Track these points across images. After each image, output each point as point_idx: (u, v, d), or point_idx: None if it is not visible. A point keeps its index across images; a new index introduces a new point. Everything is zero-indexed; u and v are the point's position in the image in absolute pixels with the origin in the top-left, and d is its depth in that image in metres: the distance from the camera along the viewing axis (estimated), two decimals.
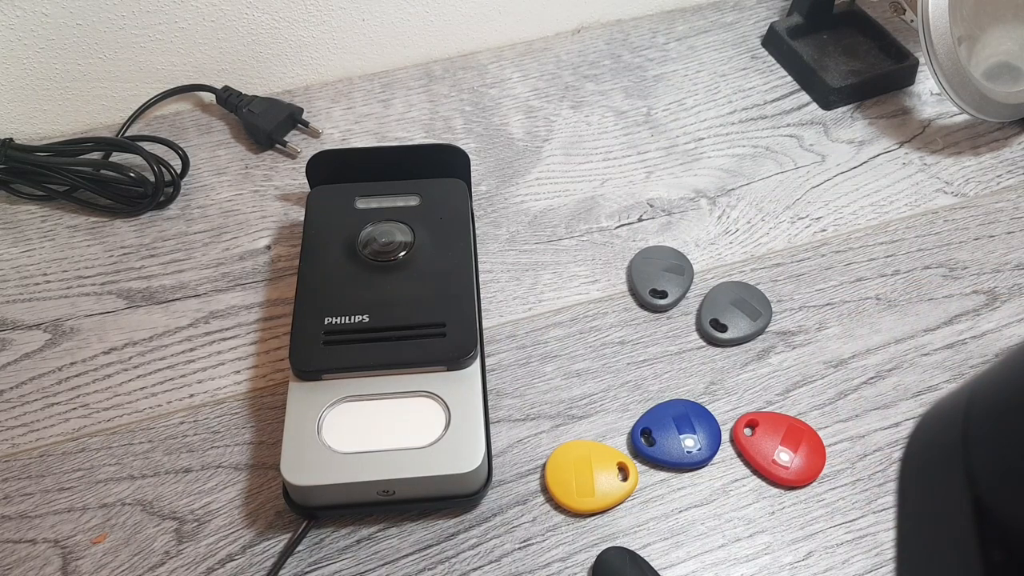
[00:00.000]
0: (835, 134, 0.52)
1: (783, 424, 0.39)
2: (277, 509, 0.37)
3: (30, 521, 0.37)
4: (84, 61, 0.51)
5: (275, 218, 0.48)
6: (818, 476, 0.38)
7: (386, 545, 0.36)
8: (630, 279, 0.45)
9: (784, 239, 0.47)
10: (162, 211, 0.49)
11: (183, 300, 0.45)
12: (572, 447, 0.38)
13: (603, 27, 0.59)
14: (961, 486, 0.17)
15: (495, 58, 0.57)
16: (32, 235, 0.48)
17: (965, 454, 0.17)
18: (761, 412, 0.40)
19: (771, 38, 0.57)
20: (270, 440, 0.39)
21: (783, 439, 0.38)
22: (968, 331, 0.43)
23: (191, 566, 0.36)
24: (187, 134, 0.53)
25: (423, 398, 0.37)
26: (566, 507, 0.37)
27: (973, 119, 0.52)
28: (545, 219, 0.48)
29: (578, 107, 0.54)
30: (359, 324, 0.38)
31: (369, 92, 0.55)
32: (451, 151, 0.45)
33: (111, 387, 0.42)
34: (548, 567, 0.36)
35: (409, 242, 0.41)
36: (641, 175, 0.50)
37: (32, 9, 0.48)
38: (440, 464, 0.35)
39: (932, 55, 0.48)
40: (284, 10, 0.52)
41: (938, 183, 0.50)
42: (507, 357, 0.42)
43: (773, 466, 0.38)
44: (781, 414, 0.40)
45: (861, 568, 0.36)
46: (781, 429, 0.39)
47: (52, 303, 0.45)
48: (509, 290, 0.45)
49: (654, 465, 0.38)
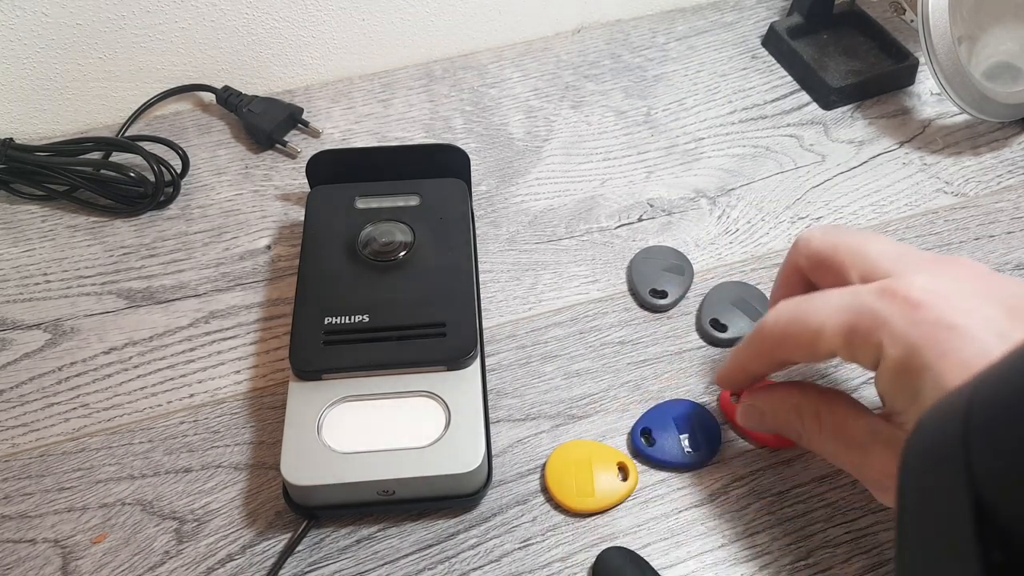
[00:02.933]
0: (835, 134, 0.52)
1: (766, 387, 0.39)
2: (277, 509, 0.37)
3: (30, 521, 0.37)
4: (84, 61, 0.51)
5: (275, 218, 0.48)
6: None
7: (386, 545, 0.36)
8: (630, 279, 0.45)
9: (784, 239, 0.47)
10: (162, 211, 0.49)
11: (183, 300, 0.45)
12: (572, 447, 0.38)
13: (603, 27, 0.59)
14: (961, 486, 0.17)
15: (495, 58, 0.57)
16: (32, 235, 0.48)
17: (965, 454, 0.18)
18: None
19: (771, 38, 0.57)
20: (270, 440, 0.39)
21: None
22: None
23: (191, 566, 0.36)
24: (187, 134, 0.53)
25: (423, 398, 0.37)
26: (566, 507, 0.37)
27: (973, 119, 0.52)
28: (545, 219, 0.48)
29: (578, 107, 0.54)
30: (359, 324, 0.38)
31: (369, 92, 0.55)
32: (451, 151, 0.45)
33: (111, 387, 0.42)
34: (548, 567, 0.36)
35: (409, 242, 0.41)
36: (641, 175, 0.50)
37: (32, 9, 0.48)
38: (440, 464, 0.35)
39: (932, 55, 0.48)
40: (284, 10, 0.52)
41: (938, 183, 0.50)
42: (507, 357, 0.42)
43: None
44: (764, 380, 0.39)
45: (861, 568, 0.36)
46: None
47: (52, 303, 0.45)
48: (509, 290, 0.45)
49: (654, 465, 0.38)
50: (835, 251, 0.32)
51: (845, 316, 0.29)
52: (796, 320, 0.31)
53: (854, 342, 0.29)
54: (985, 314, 0.28)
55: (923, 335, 0.27)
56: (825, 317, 0.30)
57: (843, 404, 0.31)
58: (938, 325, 0.27)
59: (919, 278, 0.28)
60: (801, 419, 0.32)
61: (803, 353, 0.31)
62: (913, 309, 0.28)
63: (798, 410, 0.32)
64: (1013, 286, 0.29)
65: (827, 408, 0.32)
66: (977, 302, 0.28)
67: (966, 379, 0.24)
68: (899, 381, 0.28)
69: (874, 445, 0.30)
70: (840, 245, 0.32)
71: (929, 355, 0.27)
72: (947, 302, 0.28)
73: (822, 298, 0.30)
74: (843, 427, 0.31)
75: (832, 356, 0.30)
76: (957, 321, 0.27)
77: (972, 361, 0.26)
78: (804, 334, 0.30)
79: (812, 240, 0.33)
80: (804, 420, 0.32)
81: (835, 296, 0.30)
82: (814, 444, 0.32)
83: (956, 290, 0.28)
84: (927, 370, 0.27)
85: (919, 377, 0.27)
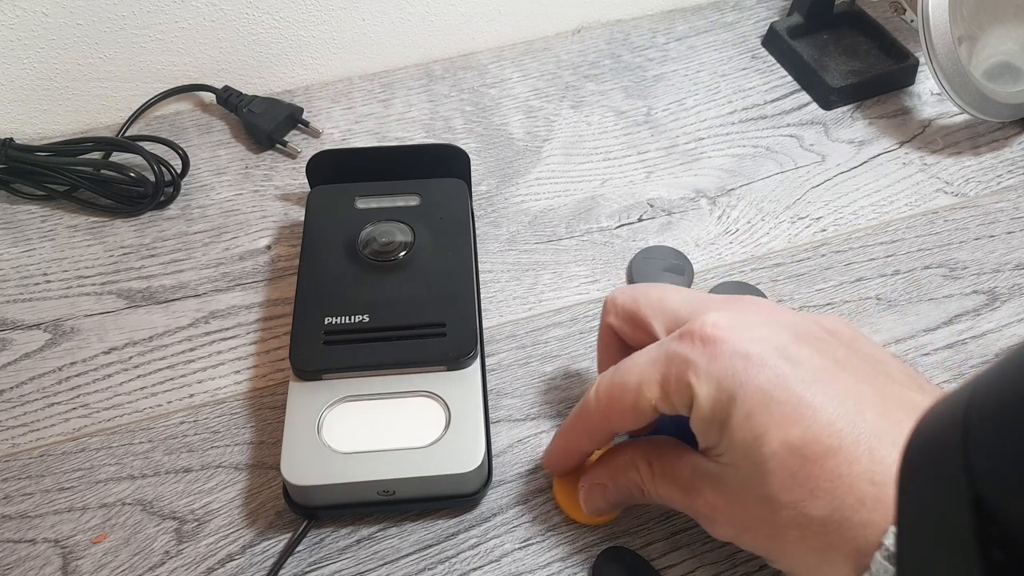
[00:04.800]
0: (835, 134, 0.52)
1: None
2: (277, 509, 0.37)
3: (30, 521, 0.37)
4: (84, 61, 0.51)
5: (275, 218, 0.48)
6: None
7: (386, 545, 0.36)
8: (630, 279, 0.45)
9: (784, 239, 0.47)
10: (162, 211, 0.49)
11: (183, 300, 0.45)
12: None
13: (603, 27, 0.59)
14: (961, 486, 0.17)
15: (495, 58, 0.57)
16: (32, 235, 0.48)
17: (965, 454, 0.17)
18: None
19: (771, 38, 0.57)
20: (270, 440, 0.39)
21: None
22: (968, 331, 0.43)
23: (191, 566, 0.36)
24: (187, 134, 0.53)
25: (423, 398, 0.37)
26: (576, 520, 0.37)
27: (973, 119, 0.52)
28: (545, 219, 0.48)
29: (578, 107, 0.54)
30: (359, 324, 0.38)
31: (369, 92, 0.55)
32: (451, 151, 0.45)
33: (111, 387, 0.42)
34: (548, 567, 0.36)
35: (409, 242, 0.41)
36: (641, 175, 0.50)
37: (32, 9, 0.48)
38: (440, 464, 0.35)
39: (932, 55, 0.48)
40: (284, 10, 0.52)
41: (938, 183, 0.50)
42: (507, 357, 0.42)
43: None
44: None
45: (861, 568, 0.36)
46: None
47: (52, 303, 0.45)
48: (509, 290, 0.45)
49: None
50: (637, 306, 0.33)
51: (657, 368, 0.30)
52: (615, 385, 0.32)
53: (669, 390, 0.30)
54: (774, 342, 0.29)
55: (722, 368, 0.29)
56: (639, 375, 0.31)
57: (669, 447, 0.32)
58: (734, 356, 0.29)
59: (710, 316, 0.30)
60: (638, 471, 0.33)
61: (629, 417, 0.31)
62: (710, 345, 0.29)
63: (633, 464, 0.33)
64: (795, 315, 0.31)
65: (655, 453, 0.32)
66: (765, 331, 0.30)
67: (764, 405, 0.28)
68: (710, 415, 0.29)
69: (699, 482, 0.30)
70: (640, 300, 0.34)
71: (730, 384, 0.28)
72: (738, 334, 0.29)
73: (633, 359, 0.32)
74: (671, 469, 0.32)
75: (655, 413, 0.31)
76: (749, 350, 0.29)
77: (768, 386, 0.28)
78: (626, 396, 0.31)
79: (616, 299, 0.35)
80: (640, 472, 0.33)
81: (644, 354, 0.31)
82: (652, 492, 0.32)
83: (745, 323, 0.30)
84: (732, 400, 0.28)
85: (726, 408, 0.28)
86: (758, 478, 0.28)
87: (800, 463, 0.27)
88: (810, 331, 0.30)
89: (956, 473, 0.17)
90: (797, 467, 0.27)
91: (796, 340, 0.29)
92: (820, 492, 0.27)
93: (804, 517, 0.27)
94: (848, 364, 0.29)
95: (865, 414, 0.27)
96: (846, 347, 0.30)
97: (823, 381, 0.28)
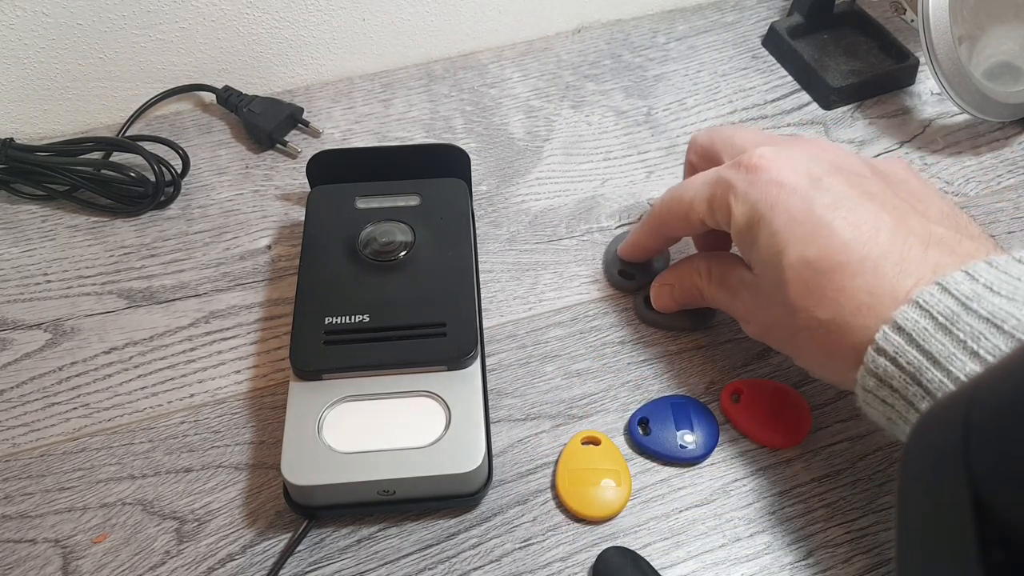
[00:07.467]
0: (835, 134, 0.52)
1: (767, 388, 0.40)
2: (277, 509, 0.37)
3: (30, 521, 0.37)
4: (84, 61, 0.51)
5: (275, 218, 0.48)
6: (806, 436, 0.39)
7: (386, 545, 0.36)
8: (605, 261, 0.46)
9: None
10: (162, 211, 0.49)
11: (183, 300, 0.45)
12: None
13: (603, 27, 0.59)
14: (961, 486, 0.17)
15: (495, 58, 0.57)
16: (32, 235, 0.48)
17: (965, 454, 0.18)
18: (743, 380, 0.41)
19: (771, 38, 0.57)
20: (270, 440, 0.40)
21: (769, 405, 0.40)
22: None
23: (191, 566, 0.36)
24: (187, 134, 0.53)
25: (423, 398, 0.37)
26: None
27: (973, 119, 0.52)
28: (545, 219, 0.48)
29: (578, 107, 0.54)
30: (359, 324, 0.38)
31: (369, 92, 0.55)
32: (451, 151, 0.45)
33: (111, 387, 0.42)
34: (548, 567, 0.36)
35: (409, 242, 0.41)
36: (642, 175, 0.50)
37: (32, 9, 0.48)
38: (440, 464, 0.35)
39: (932, 55, 0.48)
40: (284, 10, 0.52)
41: (938, 183, 0.50)
42: (507, 357, 0.42)
43: (763, 429, 0.39)
44: (764, 380, 0.41)
45: (861, 568, 0.36)
46: (766, 393, 0.40)
47: (52, 303, 0.45)
48: (509, 290, 0.45)
49: (648, 456, 0.38)
50: (712, 143, 0.39)
51: (708, 188, 0.36)
52: (674, 199, 0.38)
53: (714, 207, 0.35)
54: (810, 172, 0.33)
55: (759, 192, 0.34)
56: (694, 192, 0.37)
57: (727, 259, 0.38)
58: (770, 183, 0.33)
59: (761, 149, 0.35)
60: (700, 276, 0.39)
61: (682, 225, 0.38)
62: (753, 172, 0.34)
63: (696, 270, 0.39)
64: (843, 153, 0.36)
65: (716, 262, 0.38)
66: (806, 163, 0.34)
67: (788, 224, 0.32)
68: (745, 233, 0.34)
69: (741, 288, 0.36)
70: (715, 137, 0.39)
71: (763, 208, 0.33)
72: (778, 164, 0.34)
73: (692, 179, 0.37)
74: (724, 276, 0.37)
75: (703, 225, 0.37)
76: (784, 179, 0.33)
77: (794, 210, 0.33)
78: (680, 208, 0.37)
79: (698, 138, 0.40)
80: (701, 277, 0.39)
81: (701, 176, 0.37)
82: (709, 296, 0.38)
83: (790, 156, 0.34)
84: (761, 220, 0.33)
85: (757, 227, 0.34)
86: (779, 287, 0.33)
87: (812, 275, 0.32)
88: (851, 166, 0.35)
89: (956, 474, 0.17)
90: (810, 278, 0.32)
91: (832, 172, 0.33)
92: (826, 300, 0.32)
93: (814, 320, 0.32)
94: (878, 196, 0.33)
95: (878, 237, 0.31)
96: (886, 183, 0.34)
97: (845, 208, 0.32)
